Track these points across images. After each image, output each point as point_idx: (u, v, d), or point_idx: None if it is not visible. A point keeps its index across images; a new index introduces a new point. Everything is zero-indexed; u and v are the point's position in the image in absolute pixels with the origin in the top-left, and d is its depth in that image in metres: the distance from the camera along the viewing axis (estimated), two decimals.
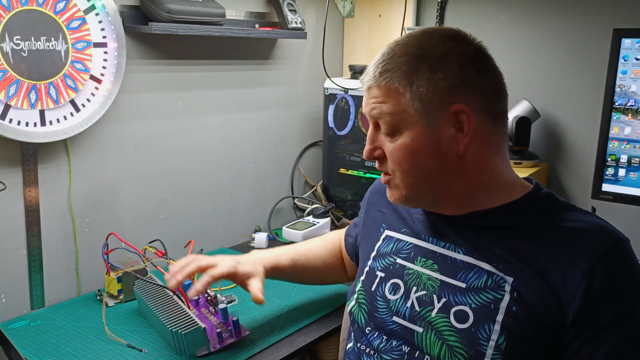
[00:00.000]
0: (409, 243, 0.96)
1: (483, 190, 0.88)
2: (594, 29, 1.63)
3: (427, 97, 0.83)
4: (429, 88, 0.83)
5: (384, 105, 0.86)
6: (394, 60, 0.86)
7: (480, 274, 0.85)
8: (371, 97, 0.88)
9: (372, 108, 0.88)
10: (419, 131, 0.85)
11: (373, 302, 0.95)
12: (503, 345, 0.79)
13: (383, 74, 0.86)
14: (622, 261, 0.79)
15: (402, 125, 0.85)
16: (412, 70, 0.84)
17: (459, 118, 0.84)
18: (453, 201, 0.90)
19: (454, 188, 0.88)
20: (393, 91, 0.85)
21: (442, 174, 0.87)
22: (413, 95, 0.84)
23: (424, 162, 0.86)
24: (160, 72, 1.53)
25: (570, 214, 0.85)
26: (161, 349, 1.13)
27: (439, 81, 0.83)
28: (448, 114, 0.84)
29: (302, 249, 1.24)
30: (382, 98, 0.86)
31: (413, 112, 0.84)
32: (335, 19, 2.04)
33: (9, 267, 1.30)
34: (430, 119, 0.84)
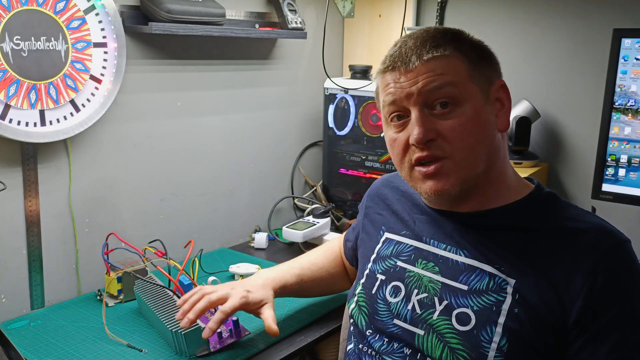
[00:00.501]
0: (410, 245, 0.95)
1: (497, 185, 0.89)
2: (594, 29, 1.63)
3: (481, 69, 0.86)
4: (480, 60, 0.86)
5: (445, 77, 0.83)
6: (439, 38, 0.86)
7: (482, 276, 0.85)
8: (423, 74, 0.84)
9: (429, 81, 0.83)
10: (479, 102, 0.85)
11: (374, 305, 0.95)
12: (505, 347, 0.79)
13: (438, 47, 0.84)
14: (623, 262, 0.79)
15: (462, 96, 0.84)
16: (461, 44, 0.86)
17: (499, 94, 0.87)
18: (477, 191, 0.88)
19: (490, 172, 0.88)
20: (453, 62, 0.85)
21: (491, 152, 0.87)
22: (470, 67, 0.85)
23: (484, 135, 0.85)
24: (160, 72, 1.53)
25: (572, 214, 0.86)
26: (161, 349, 1.13)
27: (483, 57, 0.87)
28: (495, 88, 0.87)
29: (306, 263, 1.21)
30: (442, 69, 0.84)
31: (473, 83, 0.85)
32: (335, 19, 2.04)
33: (9, 267, 1.30)
34: (484, 91, 0.86)
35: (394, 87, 0.86)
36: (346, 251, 1.21)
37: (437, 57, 0.84)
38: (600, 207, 1.50)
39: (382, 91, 0.89)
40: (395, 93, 0.86)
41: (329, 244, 1.29)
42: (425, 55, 0.84)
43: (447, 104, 0.83)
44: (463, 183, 0.85)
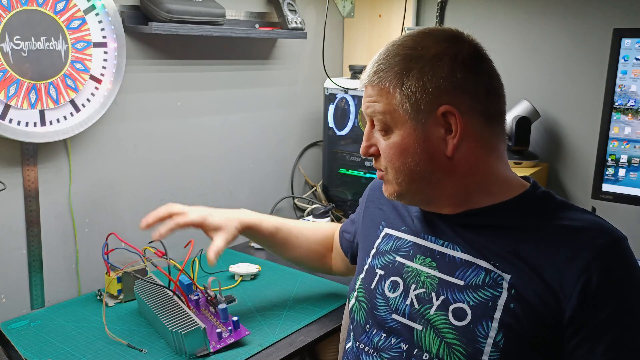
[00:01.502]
0: (408, 241, 0.96)
1: (476, 190, 0.89)
2: (594, 29, 1.63)
3: (416, 98, 0.85)
4: (418, 89, 0.84)
5: (376, 104, 0.88)
6: (388, 61, 0.88)
7: (478, 272, 0.85)
8: (367, 96, 0.90)
9: (367, 107, 0.90)
10: (408, 130, 0.86)
11: (373, 300, 0.95)
12: (501, 342, 0.79)
13: (377, 73, 0.88)
14: (619, 258, 0.79)
15: (392, 124, 0.87)
16: (403, 71, 0.86)
17: (447, 119, 0.85)
18: (447, 200, 0.90)
19: (446, 187, 0.89)
20: (384, 91, 0.87)
21: (432, 174, 0.88)
22: (402, 96, 0.85)
23: (414, 160, 0.87)
24: (160, 72, 1.53)
25: (567, 212, 0.86)
26: (161, 349, 1.13)
27: (428, 82, 0.84)
28: (437, 115, 0.85)
29: (292, 224, 1.26)
30: (375, 97, 0.88)
31: (402, 112, 0.86)
32: (335, 19, 2.04)
33: (9, 267, 1.30)
34: (419, 119, 0.85)
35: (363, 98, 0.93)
36: (342, 241, 1.21)
37: (374, 83, 0.88)
38: (600, 207, 1.50)
39: None
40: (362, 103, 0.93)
41: (323, 224, 1.33)
42: (369, 78, 0.90)
43: (381, 127, 0.89)
44: (402, 195, 0.91)
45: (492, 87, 0.88)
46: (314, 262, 1.28)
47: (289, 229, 1.25)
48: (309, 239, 1.26)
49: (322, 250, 1.27)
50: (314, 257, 1.27)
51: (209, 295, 1.20)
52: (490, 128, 0.88)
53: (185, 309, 1.14)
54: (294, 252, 1.26)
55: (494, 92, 0.88)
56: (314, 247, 1.26)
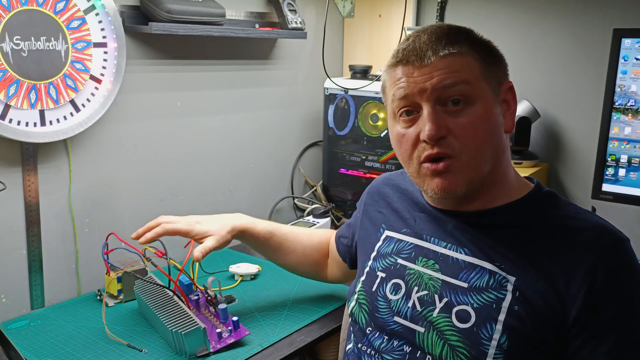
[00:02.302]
0: (410, 243, 0.96)
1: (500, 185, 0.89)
2: (594, 29, 1.63)
3: (492, 69, 0.86)
4: (490, 61, 0.86)
5: (460, 74, 0.83)
6: (454, 35, 0.86)
7: (482, 274, 0.85)
8: (438, 69, 0.82)
9: (444, 78, 0.82)
10: (490, 102, 0.85)
11: (374, 302, 0.95)
12: (505, 344, 0.79)
13: (453, 44, 0.84)
14: (623, 260, 0.79)
15: (475, 94, 0.83)
16: (473, 44, 0.86)
17: (507, 96, 0.88)
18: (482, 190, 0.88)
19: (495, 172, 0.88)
20: (468, 60, 0.84)
21: (497, 152, 0.87)
22: (483, 66, 0.85)
23: (493, 135, 0.85)
24: (160, 72, 1.53)
25: (571, 213, 0.86)
26: (161, 349, 1.13)
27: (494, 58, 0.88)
28: (504, 89, 0.88)
29: (287, 229, 1.26)
30: (457, 67, 0.83)
31: (484, 82, 0.85)
32: (335, 19, 2.04)
33: (9, 267, 1.30)
34: (495, 92, 0.86)
35: (406, 82, 0.84)
36: (339, 247, 1.20)
37: (453, 53, 0.83)
38: (600, 207, 1.50)
39: (392, 85, 0.87)
40: (407, 87, 0.84)
41: (319, 230, 1.31)
42: (442, 51, 0.83)
43: (459, 101, 0.83)
44: (470, 183, 0.85)
45: None
46: (308, 268, 1.27)
47: (284, 233, 1.24)
48: (304, 244, 1.25)
49: (317, 256, 1.26)
50: (309, 263, 1.26)
51: (209, 295, 1.20)
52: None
53: (185, 309, 1.14)
54: (289, 257, 1.25)
55: None
56: (309, 252, 1.25)
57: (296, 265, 1.27)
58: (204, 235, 1.14)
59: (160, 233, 1.13)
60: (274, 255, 1.26)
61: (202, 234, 1.15)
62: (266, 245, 1.23)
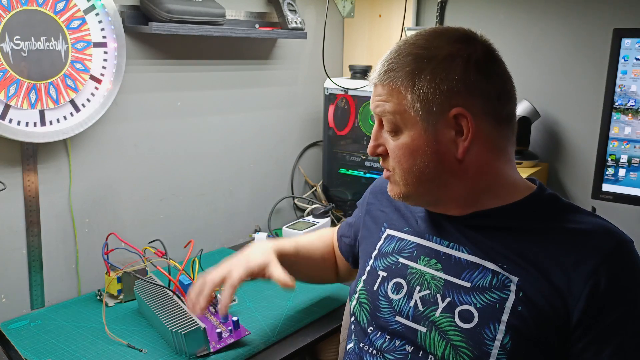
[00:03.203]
0: (412, 242, 0.96)
1: (485, 192, 0.88)
2: (594, 29, 1.63)
3: (428, 99, 0.83)
4: (430, 90, 0.83)
5: (386, 104, 0.87)
6: (399, 60, 0.86)
7: (485, 274, 0.85)
8: (376, 95, 0.89)
9: (376, 106, 0.89)
10: (418, 132, 0.85)
11: (375, 302, 0.94)
12: (508, 345, 0.79)
13: (387, 72, 0.87)
14: (626, 262, 0.79)
15: (402, 124, 0.86)
16: (415, 71, 0.84)
17: (458, 121, 0.84)
18: (454, 202, 0.90)
19: (454, 189, 0.88)
20: (395, 91, 0.86)
21: (441, 175, 0.87)
22: (414, 96, 0.84)
23: (423, 162, 0.86)
24: (160, 72, 1.53)
25: (574, 215, 0.85)
26: (161, 349, 1.13)
27: (440, 84, 0.83)
28: (448, 117, 0.83)
29: (303, 241, 1.22)
30: (385, 97, 0.87)
31: (413, 113, 0.84)
32: (335, 19, 2.03)
33: (9, 267, 1.30)
34: (430, 121, 0.84)
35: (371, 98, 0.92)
36: (342, 246, 1.20)
37: (385, 83, 0.87)
38: (600, 207, 1.50)
39: None
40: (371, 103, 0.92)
41: (321, 231, 1.30)
42: (379, 78, 0.88)
43: (390, 128, 0.88)
44: (408, 197, 0.91)
45: (504, 90, 0.87)
46: (329, 271, 1.24)
47: (304, 245, 1.21)
48: (321, 250, 1.23)
49: (331, 257, 1.24)
50: (328, 266, 1.23)
51: None
52: (500, 130, 0.87)
53: (185, 309, 1.14)
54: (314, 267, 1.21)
55: (505, 95, 0.87)
56: (325, 256, 1.23)
57: (319, 273, 1.24)
58: (263, 267, 1.06)
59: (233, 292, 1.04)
60: (304, 268, 1.20)
61: (260, 266, 1.06)
62: (296, 262, 1.16)
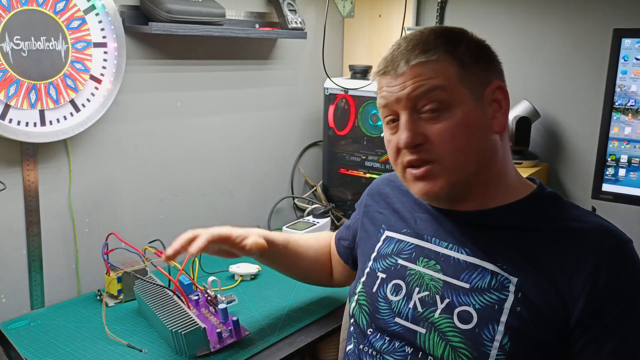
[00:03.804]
0: (410, 244, 0.95)
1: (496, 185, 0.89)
2: (594, 29, 1.64)
3: (474, 71, 0.85)
4: (472, 62, 0.85)
5: (434, 80, 0.83)
6: (431, 41, 0.86)
7: (484, 275, 0.85)
8: (414, 77, 0.84)
9: (417, 86, 0.84)
10: (469, 106, 0.84)
11: (374, 304, 0.94)
12: (507, 345, 0.79)
13: (428, 51, 0.84)
14: (626, 262, 0.79)
15: (452, 100, 0.84)
16: (454, 47, 0.85)
17: (496, 96, 0.87)
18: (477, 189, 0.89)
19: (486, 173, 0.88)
20: (442, 65, 0.84)
21: (485, 153, 0.87)
22: (461, 70, 0.84)
23: (475, 140, 0.85)
24: (160, 72, 1.53)
25: (574, 214, 0.86)
26: (161, 349, 1.13)
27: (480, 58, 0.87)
28: (490, 90, 0.86)
29: (296, 237, 1.24)
30: (430, 74, 0.84)
31: (462, 87, 0.84)
32: (335, 19, 2.04)
33: (9, 267, 1.30)
34: (477, 94, 0.85)
35: (385, 91, 0.88)
36: (340, 249, 1.20)
37: (425, 61, 0.84)
38: (600, 207, 1.50)
39: (378, 93, 0.91)
40: (386, 97, 0.87)
41: (319, 233, 1.31)
42: (413, 60, 0.84)
43: (435, 108, 0.84)
44: (452, 186, 0.86)
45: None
46: (320, 272, 1.25)
47: (296, 240, 1.22)
48: (315, 248, 1.24)
49: (326, 259, 1.25)
50: (319, 267, 1.24)
51: (209, 295, 1.20)
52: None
53: (185, 309, 1.14)
54: (304, 264, 1.23)
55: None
56: (319, 255, 1.24)
57: (310, 271, 1.25)
58: (244, 237, 1.10)
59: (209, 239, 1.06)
60: (291, 263, 1.22)
61: (241, 235, 1.11)
62: (284, 254, 1.19)
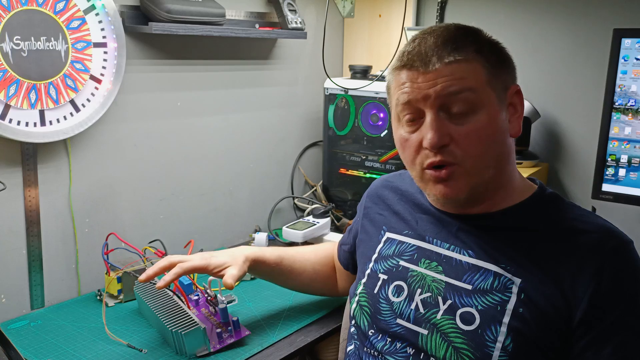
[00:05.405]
0: (412, 245, 0.95)
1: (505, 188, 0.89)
2: (594, 29, 1.63)
3: (499, 74, 0.84)
4: (497, 65, 0.84)
5: (465, 81, 0.81)
6: (461, 39, 0.83)
7: (486, 276, 0.85)
8: (443, 76, 0.81)
9: (448, 85, 0.81)
10: (495, 109, 0.83)
11: (376, 305, 0.94)
12: (510, 346, 0.79)
13: (459, 49, 0.82)
14: (627, 263, 0.79)
15: (479, 102, 0.82)
16: (480, 48, 0.84)
17: (514, 100, 0.86)
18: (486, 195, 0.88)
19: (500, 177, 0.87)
20: (473, 66, 0.82)
21: (502, 158, 0.86)
22: (489, 72, 0.83)
23: (496, 142, 0.84)
24: (160, 72, 1.53)
25: (576, 214, 0.86)
26: (161, 349, 1.13)
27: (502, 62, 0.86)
28: (510, 94, 0.86)
29: (292, 251, 1.22)
30: (462, 73, 0.81)
31: (490, 89, 0.83)
32: (335, 19, 2.03)
33: (9, 267, 1.30)
34: (500, 97, 0.85)
35: (409, 87, 0.83)
36: (341, 254, 1.19)
37: (458, 60, 0.81)
38: (600, 207, 1.50)
39: (397, 89, 0.86)
40: (411, 93, 0.83)
41: (323, 244, 1.30)
42: (447, 57, 0.81)
43: (463, 110, 0.82)
44: (472, 189, 0.85)
45: None
46: (321, 284, 1.24)
47: (292, 255, 1.21)
48: (312, 261, 1.22)
49: (326, 270, 1.24)
50: (320, 280, 1.23)
51: (209, 295, 1.20)
52: None
53: (185, 309, 1.14)
54: (301, 278, 1.22)
55: None
56: (318, 268, 1.23)
57: (309, 284, 1.24)
58: (223, 267, 1.09)
59: (179, 273, 1.06)
60: (286, 279, 1.22)
61: (219, 266, 1.09)
62: (278, 271, 1.19)
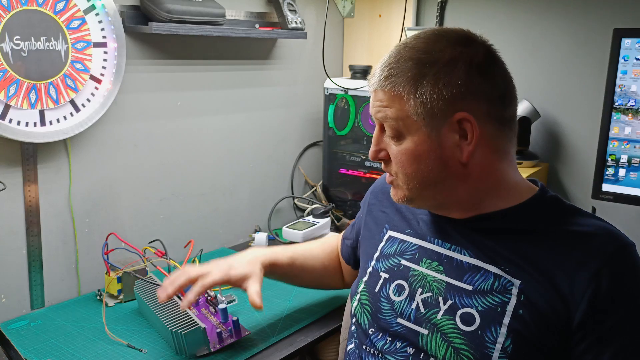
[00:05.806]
0: (414, 244, 0.95)
1: (488, 194, 0.88)
2: (594, 29, 1.64)
3: (431, 105, 0.82)
4: (433, 96, 0.82)
5: (388, 110, 0.86)
6: (400, 65, 0.84)
7: (487, 277, 0.85)
8: (376, 100, 0.88)
9: (377, 111, 0.88)
10: (422, 137, 0.84)
11: (377, 303, 0.94)
12: (509, 348, 0.79)
13: (388, 78, 0.85)
14: (628, 265, 0.79)
15: (405, 130, 0.85)
16: (417, 77, 0.83)
17: (462, 126, 0.83)
18: (457, 205, 0.90)
19: (458, 193, 0.88)
20: (397, 96, 0.84)
21: (445, 180, 0.86)
22: (417, 102, 0.83)
23: (427, 167, 0.85)
24: (160, 72, 1.53)
25: (576, 217, 0.85)
26: (161, 349, 1.13)
27: (444, 89, 0.82)
28: (452, 122, 0.83)
29: (301, 249, 1.23)
30: (387, 102, 0.86)
31: (416, 119, 0.83)
32: (335, 19, 2.03)
33: (9, 267, 1.30)
34: (433, 126, 0.83)
35: (371, 100, 0.91)
36: (343, 249, 1.20)
37: (385, 89, 0.86)
38: (600, 207, 1.50)
39: None
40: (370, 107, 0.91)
41: (326, 238, 1.30)
42: (378, 84, 0.87)
43: (392, 133, 0.87)
44: (411, 201, 0.91)
45: (506, 91, 0.87)
46: (331, 279, 1.25)
47: (302, 253, 1.21)
48: (321, 258, 1.23)
49: (334, 265, 1.24)
50: (329, 275, 1.24)
51: (209, 295, 1.20)
52: (503, 132, 0.87)
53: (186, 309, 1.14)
54: (312, 276, 1.22)
55: (507, 97, 0.87)
56: (327, 263, 1.23)
57: (320, 280, 1.24)
58: (243, 278, 1.08)
59: (201, 292, 1.05)
60: (299, 279, 1.22)
61: (241, 277, 1.08)
62: (290, 273, 1.19)
